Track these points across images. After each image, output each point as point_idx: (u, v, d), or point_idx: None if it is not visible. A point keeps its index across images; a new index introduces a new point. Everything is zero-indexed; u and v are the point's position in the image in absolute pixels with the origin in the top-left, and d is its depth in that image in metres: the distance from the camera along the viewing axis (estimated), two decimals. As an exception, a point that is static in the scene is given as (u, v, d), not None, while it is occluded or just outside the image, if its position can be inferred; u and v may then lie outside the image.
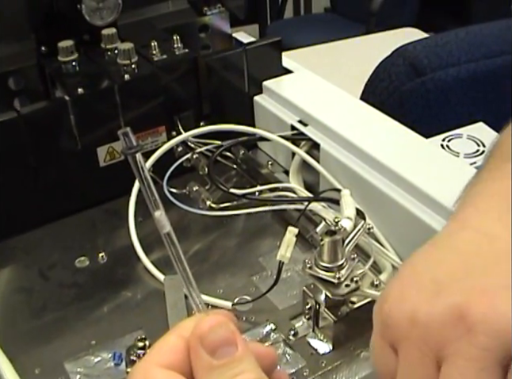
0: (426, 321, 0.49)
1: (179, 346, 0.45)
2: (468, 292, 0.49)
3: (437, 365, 0.48)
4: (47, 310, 0.89)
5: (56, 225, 1.03)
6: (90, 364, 0.80)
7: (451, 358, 0.47)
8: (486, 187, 0.61)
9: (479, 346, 0.46)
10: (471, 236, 0.55)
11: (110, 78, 1.01)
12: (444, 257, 0.55)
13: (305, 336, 0.81)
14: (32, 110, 0.97)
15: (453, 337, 0.48)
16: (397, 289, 0.54)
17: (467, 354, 0.46)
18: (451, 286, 0.50)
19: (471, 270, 0.51)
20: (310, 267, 0.75)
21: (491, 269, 0.51)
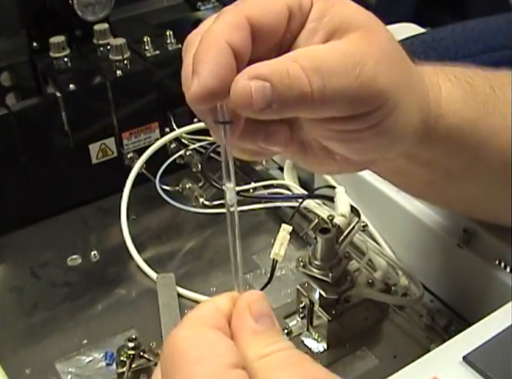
0: None
1: (218, 312, 0.45)
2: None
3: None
4: (38, 309, 0.88)
5: (48, 223, 1.02)
6: (82, 364, 0.79)
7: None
8: None
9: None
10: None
11: (102, 74, 1.00)
12: None
13: (299, 335, 0.80)
14: (24, 107, 0.96)
15: None
16: None
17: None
18: None
19: None
20: (304, 265, 0.74)
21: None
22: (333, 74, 0.46)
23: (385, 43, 0.50)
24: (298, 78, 0.45)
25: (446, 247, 0.80)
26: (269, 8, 0.47)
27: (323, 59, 0.47)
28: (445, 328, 0.79)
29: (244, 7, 0.46)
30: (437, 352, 0.57)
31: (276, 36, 0.48)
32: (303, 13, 0.48)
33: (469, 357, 0.54)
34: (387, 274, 0.84)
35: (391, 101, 0.50)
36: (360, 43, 0.48)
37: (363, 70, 0.48)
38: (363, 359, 0.77)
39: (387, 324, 0.82)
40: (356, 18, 0.49)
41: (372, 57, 0.48)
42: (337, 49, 0.48)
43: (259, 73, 0.45)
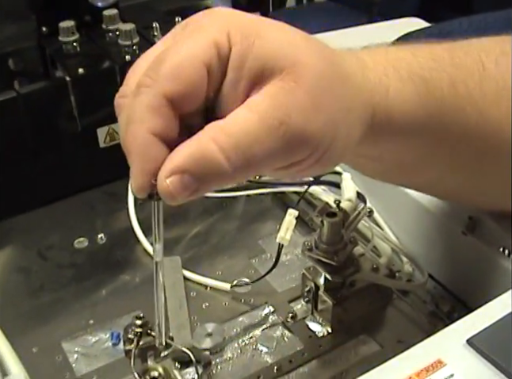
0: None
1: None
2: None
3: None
4: (45, 290, 0.89)
5: (55, 206, 1.02)
6: (88, 343, 0.80)
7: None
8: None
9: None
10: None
11: (111, 59, 1.00)
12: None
13: (304, 319, 0.81)
14: (32, 90, 0.96)
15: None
16: None
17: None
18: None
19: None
20: (309, 249, 0.75)
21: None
22: (254, 143, 0.45)
23: (313, 81, 0.47)
24: (216, 162, 0.45)
25: (451, 234, 0.80)
26: (185, 75, 0.45)
27: (241, 132, 0.45)
28: (448, 314, 0.80)
29: (159, 82, 0.45)
30: (441, 335, 0.57)
31: (199, 98, 0.46)
32: (223, 60, 0.47)
33: (473, 340, 0.55)
34: (392, 261, 0.84)
35: (325, 142, 0.49)
36: (282, 94, 0.46)
37: (288, 126, 0.46)
38: (366, 344, 0.78)
39: (391, 310, 0.82)
40: (280, 57, 0.47)
41: (297, 108, 0.46)
42: (257, 111, 0.46)
43: (176, 166, 0.45)
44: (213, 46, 0.46)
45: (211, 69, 0.46)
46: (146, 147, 0.45)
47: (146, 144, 0.45)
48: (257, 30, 0.47)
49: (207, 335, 0.78)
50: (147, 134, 0.45)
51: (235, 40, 0.46)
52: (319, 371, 0.76)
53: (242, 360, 0.77)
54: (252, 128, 0.45)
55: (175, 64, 0.45)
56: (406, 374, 0.53)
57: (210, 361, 0.76)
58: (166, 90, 0.45)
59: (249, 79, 0.47)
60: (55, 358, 0.78)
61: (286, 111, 0.46)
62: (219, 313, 0.83)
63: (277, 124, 0.46)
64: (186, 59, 0.45)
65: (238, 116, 0.46)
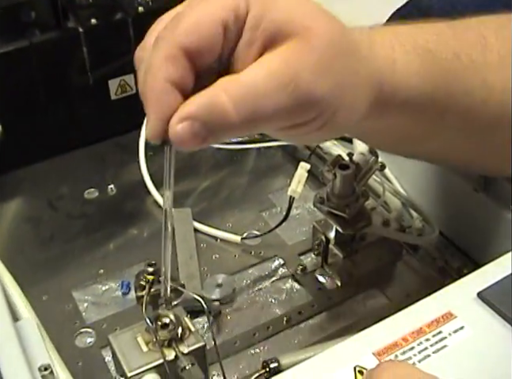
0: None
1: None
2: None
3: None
4: (55, 240, 0.89)
5: (66, 158, 1.02)
6: (98, 292, 0.80)
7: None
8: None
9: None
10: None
11: (124, 10, 1.00)
12: None
13: (313, 272, 0.81)
14: (45, 39, 0.96)
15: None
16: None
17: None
18: None
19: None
20: (321, 202, 0.74)
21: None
22: (263, 96, 0.46)
23: (324, 46, 0.48)
24: (225, 112, 0.46)
25: (462, 191, 0.80)
26: (202, 31, 0.46)
27: (252, 84, 0.46)
28: (457, 271, 0.80)
29: (177, 35, 0.46)
30: (451, 288, 0.57)
31: (214, 53, 0.47)
32: (239, 22, 0.47)
33: (483, 293, 0.55)
34: (402, 216, 0.84)
35: (331, 106, 0.50)
36: (294, 54, 0.47)
37: (297, 85, 0.47)
38: (375, 297, 0.79)
39: (401, 265, 0.83)
40: (294, 22, 0.47)
41: (307, 68, 0.47)
42: (268, 68, 0.47)
43: (188, 113, 0.46)
44: (232, 8, 0.47)
45: (227, 28, 0.47)
46: (162, 93, 0.46)
47: (162, 91, 0.46)
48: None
49: (217, 286, 0.78)
50: (163, 82, 0.46)
51: (253, 3, 0.47)
52: (328, 323, 0.76)
53: (251, 311, 0.78)
54: (262, 82, 0.46)
55: (194, 20, 0.46)
56: (416, 325, 0.53)
57: (220, 311, 0.76)
58: (182, 42, 0.46)
59: (263, 40, 0.47)
60: (65, 307, 0.79)
61: (296, 70, 0.47)
62: (229, 265, 0.83)
63: (286, 81, 0.47)
64: (205, 16, 0.46)
65: (251, 70, 0.47)
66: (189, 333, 0.60)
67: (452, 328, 0.53)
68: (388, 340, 0.52)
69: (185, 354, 0.59)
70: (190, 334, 0.60)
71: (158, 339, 0.59)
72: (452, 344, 0.52)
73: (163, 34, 0.47)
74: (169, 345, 0.59)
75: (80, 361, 0.73)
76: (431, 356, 0.51)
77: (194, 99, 0.46)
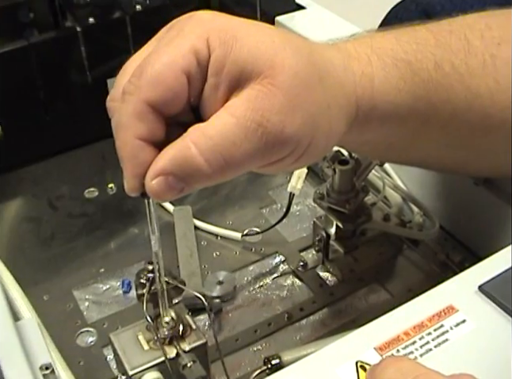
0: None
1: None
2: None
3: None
4: (55, 239, 0.89)
5: (65, 157, 1.02)
6: (99, 291, 0.80)
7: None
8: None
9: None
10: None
11: (122, 9, 0.99)
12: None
13: (315, 268, 0.81)
14: (43, 39, 0.96)
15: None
16: None
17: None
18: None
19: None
20: (321, 197, 0.74)
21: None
22: (232, 146, 0.47)
23: (289, 83, 0.48)
24: (196, 165, 0.46)
25: (462, 185, 0.80)
26: (165, 83, 0.46)
27: (219, 135, 0.46)
28: (459, 265, 0.80)
29: (141, 90, 0.46)
30: (452, 282, 0.57)
31: (181, 102, 0.48)
32: (202, 67, 0.47)
33: (485, 286, 0.55)
34: (403, 211, 0.84)
35: (305, 139, 0.50)
36: (259, 97, 0.47)
37: (266, 128, 0.47)
38: (377, 292, 0.78)
39: (402, 260, 0.83)
40: (256, 61, 0.47)
41: (274, 110, 0.47)
42: (235, 115, 0.47)
43: (160, 169, 0.47)
44: (192, 53, 0.47)
45: (190, 75, 0.47)
46: (134, 152, 0.47)
47: (134, 149, 0.47)
48: (236, 34, 0.48)
49: (218, 283, 0.78)
50: (134, 139, 0.47)
51: (214, 46, 0.47)
52: (329, 319, 0.76)
53: (252, 308, 0.78)
54: (230, 132, 0.47)
55: (156, 72, 0.46)
56: (418, 319, 0.53)
57: (221, 308, 0.76)
58: (147, 97, 0.46)
59: (228, 84, 0.48)
60: (66, 306, 0.79)
61: (264, 114, 0.47)
62: (230, 262, 0.83)
63: (254, 127, 0.47)
64: (166, 66, 0.46)
65: (218, 119, 0.47)
66: (190, 330, 0.60)
67: (454, 322, 0.53)
68: (390, 335, 0.52)
69: (187, 351, 0.59)
70: (191, 331, 0.60)
71: (159, 337, 0.59)
72: (454, 338, 0.52)
73: (128, 89, 0.47)
74: (170, 343, 0.59)
75: (82, 360, 0.73)
76: (433, 350, 0.51)
77: (166, 153, 0.47)
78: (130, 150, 0.47)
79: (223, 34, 0.47)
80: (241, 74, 0.47)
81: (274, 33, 0.50)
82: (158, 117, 0.47)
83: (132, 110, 0.46)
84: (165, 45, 0.47)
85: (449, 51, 0.58)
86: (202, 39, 0.47)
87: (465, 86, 0.58)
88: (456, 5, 1.46)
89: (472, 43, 0.59)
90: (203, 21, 0.49)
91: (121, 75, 0.51)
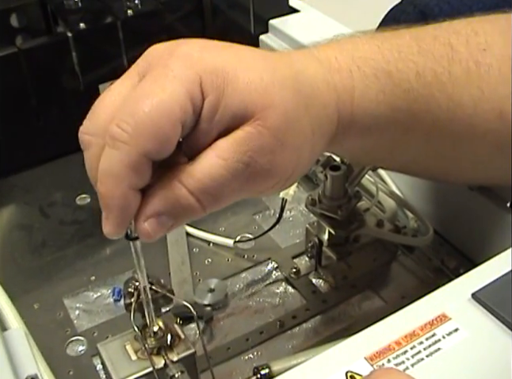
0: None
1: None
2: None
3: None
4: (46, 247, 0.88)
5: (57, 164, 1.01)
6: (89, 299, 0.80)
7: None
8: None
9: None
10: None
11: (113, 14, 0.99)
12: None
13: (307, 275, 0.81)
14: (34, 45, 0.95)
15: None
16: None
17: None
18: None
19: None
20: (313, 203, 0.74)
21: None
22: (221, 186, 0.47)
23: (280, 120, 0.48)
24: (188, 205, 0.47)
25: (457, 190, 0.79)
26: (163, 134, 0.46)
27: (209, 177, 0.47)
28: (454, 271, 0.79)
29: (139, 144, 0.45)
30: (445, 289, 0.57)
31: (173, 147, 0.47)
32: (196, 112, 0.47)
33: (478, 294, 0.54)
34: (397, 216, 0.83)
35: (289, 171, 0.51)
36: (249, 137, 0.48)
37: (254, 168, 0.48)
38: (370, 299, 0.78)
39: (396, 266, 0.82)
40: (248, 104, 0.48)
41: (263, 150, 0.48)
42: (223, 157, 0.47)
43: (152, 211, 0.47)
44: (189, 101, 0.46)
45: (185, 124, 0.47)
46: (126, 202, 0.47)
47: (126, 200, 0.47)
48: (226, 76, 0.47)
49: (209, 291, 0.78)
50: (126, 189, 0.46)
51: (207, 92, 0.47)
52: (323, 327, 0.75)
53: (244, 316, 0.77)
54: (218, 173, 0.47)
55: (153, 123, 0.45)
56: (410, 328, 0.52)
57: (212, 316, 0.76)
58: (145, 150, 0.45)
59: (220, 128, 0.48)
60: (57, 315, 0.78)
61: (252, 155, 0.48)
62: (222, 269, 0.82)
63: (242, 168, 0.47)
64: (164, 118, 0.45)
65: (205, 160, 0.47)
66: (178, 340, 0.60)
67: (447, 330, 0.52)
68: (381, 344, 0.51)
69: (175, 361, 0.58)
70: (180, 341, 0.60)
71: (146, 347, 0.58)
72: (447, 347, 0.51)
73: (121, 136, 0.46)
74: (158, 353, 0.58)
75: (71, 369, 0.72)
76: (425, 360, 0.50)
77: (156, 196, 0.47)
78: (122, 201, 0.47)
79: (214, 77, 0.47)
80: (232, 119, 0.47)
81: (261, 66, 0.50)
82: (150, 165, 0.47)
83: (128, 162, 0.45)
84: (154, 85, 0.46)
85: (432, 59, 0.57)
86: (196, 83, 0.46)
87: (447, 95, 0.57)
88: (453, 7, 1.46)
89: (457, 49, 0.58)
90: (192, 60, 0.47)
91: (98, 108, 0.50)
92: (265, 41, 1.09)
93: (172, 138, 0.46)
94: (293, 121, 0.49)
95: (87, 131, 0.50)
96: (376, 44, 0.57)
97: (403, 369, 0.49)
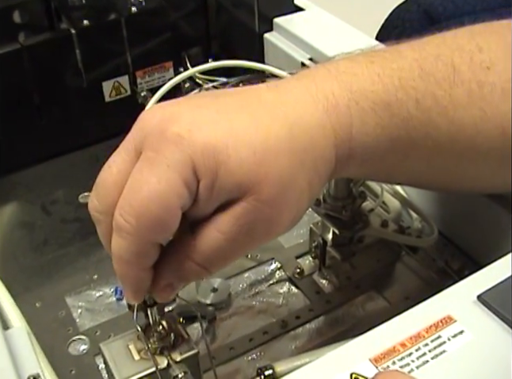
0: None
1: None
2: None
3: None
4: (48, 245, 0.88)
5: (60, 161, 1.01)
6: (92, 298, 0.79)
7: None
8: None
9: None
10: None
11: (117, 11, 0.99)
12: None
13: (311, 275, 0.80)
14: (36, 42, 0.95)
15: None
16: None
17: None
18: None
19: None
20: (317, 204, 0.73)
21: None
22: (224, 256, 0.52)
23: (275, 191, 0.50)
24: (197, 273, 0.52)
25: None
26: (166, 225, 0.49)
27: (213, 251, 0.50)
28: (458, 272, 0.78)
29: (141, 233, 0.48)
30: (450, 291, 0.56)
31: (175, 228, 0.50)
32: (192, 196, 0.49)
33: (484, 296, 0.54)
34: (401, 217, 0.83)
35: (289, 225, 0.54)
36: (246, 212, 0.50)
37: (254, 237, 0.51)
38: (374, 300, 0.77)
39: (400, 267, 0.81)
40: (242, 183, 0.49)
41: (261, 221, 0.50)
42: (223, 232, 0.50)
43: (166, 282, 0.52)
44: (184, 187, 0.48)
45: (184, 207, 0.49)
46: (137, 279, 0.51)
47: (137, 278, 0.51)
48: (218, 157, 0.48)
49: (212, 290, 0.77)
50: (139, 272, 0.51)
51: (201, 175, 0.48)
52: (326, 327, 0.75)
53: (247, 316, 0.76)
54: (221, 247, 0.50)
55: (154, 215, 0.48)
56: (415, 330, 0.52)
57: (215, 316, 0.75)
58: (149, 239, 0.49)
59: (217, 204, 0.50)
60: (59, 313, 0.78)
61: (250, 226, 0.50)
62: (225, 268, 0.81)
63: (242, 238, 0.51)
64: (164, 209, 0.48)
65: (207, 235, 0.50)
66: (181, 340, 0.59)
67: (452, 333, 0.51)
68: (385, 346, 0.51)
69: (178, 362, 0.57)
70: (183, 341, 0.59)
71: (149, 347, 0.58)
72: (452, 349, 0.50)
73: (124, 227, 0.48)
74: (161, 353, 0.58)
75: (73, 369, 0.71)
76: (430, 362, 0.49)
77: (167, 270, 0.52)
78: (135, 279, 0.51)
79: (206, 160, 0.48)
80: (229, 195, 0.49)
81: (254, 138, 0.50)
82: (157, 247, 0.50)
83: (135, 250, 0.49)
84: (149, 173, 0.48)
85: (433, 83, 0.57)
86: (189, 169, 0.48)
87: (448, 118, 0.57)
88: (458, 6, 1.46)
89: (459, 69, 0.57)
90: (183, 144, 0.48)
91: (102, 187, 0.53)
92: (269, 39, 1.08)
93: (173, 224, 0.49)
94: (289, 185, 0.51)
95: (95, 209, 0.53)
96: (377, 71, 0.57)
97: (408, 371, 0.49)
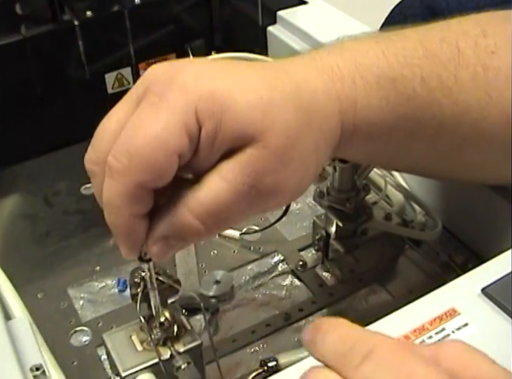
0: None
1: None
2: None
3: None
4: (51, 237, 0.88)
5: (62, 153, 1.01)
6: (94, 289, 0.79)
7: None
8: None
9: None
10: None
11: (120, 3, 0.98)
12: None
13: (314, 267, 0.80)
14: (39, 33, 0.94)
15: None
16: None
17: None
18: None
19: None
20: (321, 196, 0.73)
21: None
22: (226, 208, 0.48)
23: (281, 140, 0.48)
24: (194, 229, 0.48)
25: (465, 185, 0.79)
26: (159, 166, 0.46)
27: (214, 200, 0.47)
28: (461, 266, 0.78)
29: (133, 174, 0.46)
30: (455, 284, 0.56)
31: (171, 177, 0.48)
32: (194, 142, 0.47)
33: (488, 289, 0.54)
34: (405, 210, 0.83)
35: (293, 189, 0.51)
36: (252, 159, 0.48)
37: (258, 189, 0.48)
38: (377, 293, 0.77)
39: (403, 260, 0.81)
40: (247, 128, 0.47)
41: (267, 170, 0.48)
42: (227, 179, 0.48)
43: (160, 235, 0.49)
44: (184, 132, 0.46)
45: (182, 154, 0.47)
46: (131, 229, 0.49)
47: (130, 228, 0.48)
48: (223, 102, 0.47)
49: (215, 283, 0.77)
50: (129, 219, 0.48)
51: (203, 119, 0.47)
52: (329, 320, 0.75)
53: (250, 308, 0.76)
54: (223, 197, 0.47)
55: (147, 155, 0.46)
56: (419, 322, 0.52)
57: (218, 308, 0.75)
58: (140, 181, 0.46)
59: (220, 153, 0.48)
60: (61, 304, 0.78)
61: (256, 176, 0.48)
62: (227, 261, 0.82)
63: (247, 189, 0.48)
64: (158, 150, 0.46)
65: (210, 184, 0.48)
66: (184, 331, 0.59)
67: (456, 325, 0.51)
68: (389, 338, 0.50)
69: (181, 353, 0.57)
70: (186, 332, 0.59)
71: (152, 338, 0.58)
72: (456, 342, 0.50)
73: (116, 167, 0.46)
74: (164, 344, 0.58)
75: (75, 360, 0.72)
76: (434, 354, 0.49)
77: (163, 220, 0.49)
78: (127, 229, 0.48)
79: (210, 105, 0.47)
80: (233, 142, 0.47)
81: (260, 85, 0.49)
82: (150, 193, 0.47)
83: (125, 192, 0.46)
84: (150, 115, 0.46)
85: (438, 63, 0.56)
86: (191, 113, 0.46)
87: (453, 100, 0.57)
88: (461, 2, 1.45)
89: (464, 52, 0.57)
90: (187, 90, 0.47)
91: (99, 136, 0.51)
92: (272, 32, 1.08)
93: (168, 169, 0.46)
94: (295, 140, 0.49)
95: (90, 159, 0.51)
96: (381, 49, 0.56)
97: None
